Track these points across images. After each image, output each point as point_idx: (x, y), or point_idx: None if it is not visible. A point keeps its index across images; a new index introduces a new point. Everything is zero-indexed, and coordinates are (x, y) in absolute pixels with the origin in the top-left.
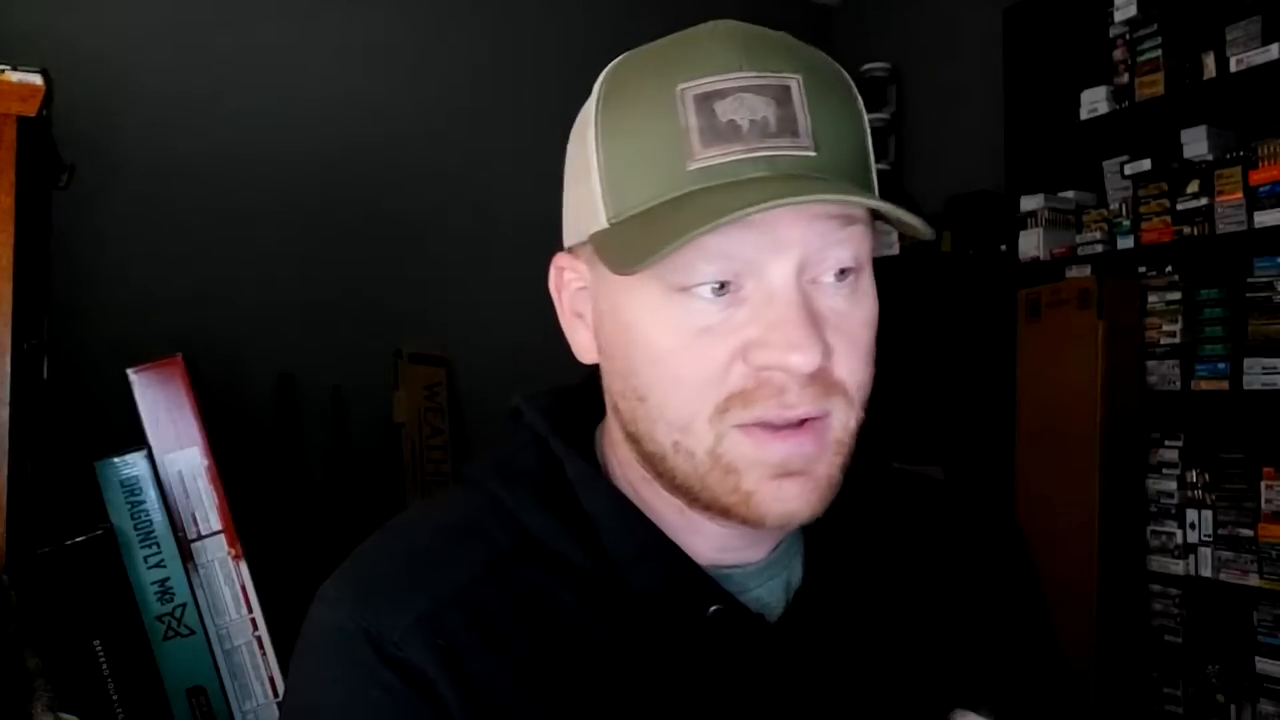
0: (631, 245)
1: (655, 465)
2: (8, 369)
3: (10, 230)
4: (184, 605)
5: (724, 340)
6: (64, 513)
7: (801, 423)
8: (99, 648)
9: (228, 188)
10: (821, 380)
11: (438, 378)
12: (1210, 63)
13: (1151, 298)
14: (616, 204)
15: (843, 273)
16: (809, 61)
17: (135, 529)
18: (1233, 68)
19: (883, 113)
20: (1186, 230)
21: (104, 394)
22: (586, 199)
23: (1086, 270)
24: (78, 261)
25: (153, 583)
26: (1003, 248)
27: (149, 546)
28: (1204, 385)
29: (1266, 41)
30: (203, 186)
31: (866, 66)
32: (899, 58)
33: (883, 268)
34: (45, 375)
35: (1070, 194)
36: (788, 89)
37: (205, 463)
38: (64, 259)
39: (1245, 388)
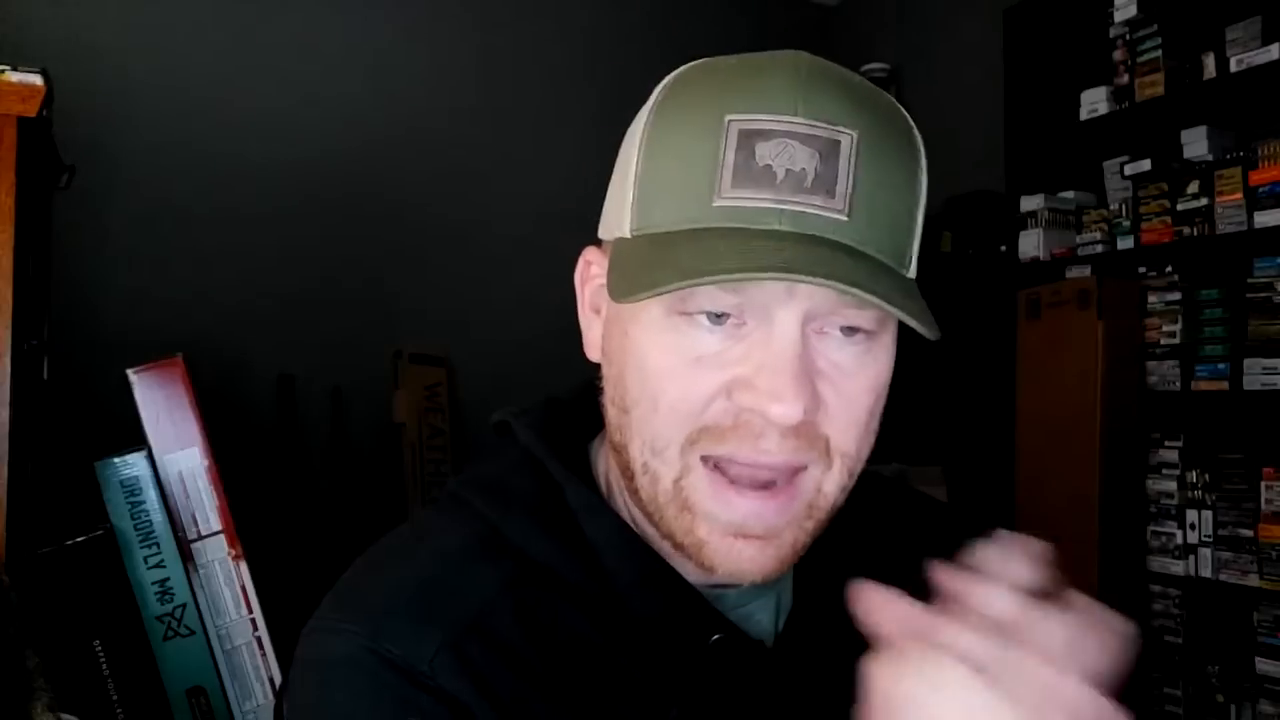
0: (636, 274)
1: (628, 479)
2: (8, 369)
3: (10, 231)
4: (184, 605)
5: (714, 373)
6: (64, 513)
7: (770, 484)
8: (99, 648)
9: (228, 188)
10: (805, 434)
11: (438, 378)
12: (1210, 63)
13: (1151, 298)
14: (642, 217)
15: (853, 329)
16: (873, 115)
17: (135, 529)
18: (1233, 68)
19: None
20: (1186, 230)
21: (104, 394)
22: (620, 202)
23: (1086, 270)
24: (78, 261)
25: (153, 583)
26: (1003, 248)
27: (149, 547)
28: (1204, 385)
29: (1266, 41)
30: (203, 187)
31: (866, 66)
32: (899, 58)
33: None
34: (45, 375)
35: (1070, 194)
36: (837, 144)
37: (205, 463)
38: (64, 259)
39: (1245, 388)
